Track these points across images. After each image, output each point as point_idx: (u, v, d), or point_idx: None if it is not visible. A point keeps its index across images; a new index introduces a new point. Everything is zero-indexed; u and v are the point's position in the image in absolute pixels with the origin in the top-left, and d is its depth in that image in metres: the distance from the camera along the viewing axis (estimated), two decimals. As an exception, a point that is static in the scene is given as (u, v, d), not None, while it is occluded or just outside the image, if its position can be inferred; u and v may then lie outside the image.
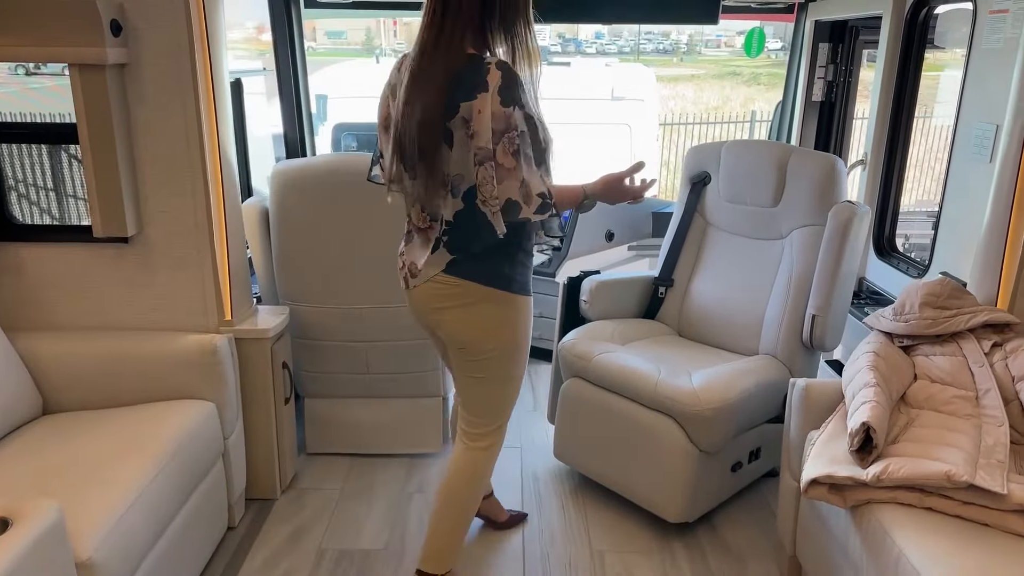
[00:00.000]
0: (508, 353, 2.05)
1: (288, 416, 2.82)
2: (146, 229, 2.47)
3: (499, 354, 2.04)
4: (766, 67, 19.37)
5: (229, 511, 2.57)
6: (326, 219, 2.77)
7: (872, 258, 3.21)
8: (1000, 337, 2.16)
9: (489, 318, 1.99)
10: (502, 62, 1.83)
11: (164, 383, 2.41)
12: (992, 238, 2.26)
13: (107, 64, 2.22)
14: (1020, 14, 2.26)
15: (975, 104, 2.52)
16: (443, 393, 3.10)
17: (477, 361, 2.05)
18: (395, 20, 19.06)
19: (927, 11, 2.90)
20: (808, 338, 2.74)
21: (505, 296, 1.99)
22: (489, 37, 1.87)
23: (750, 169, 2.94)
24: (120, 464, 2.02)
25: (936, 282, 2.32)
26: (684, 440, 2.50)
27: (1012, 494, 1.73)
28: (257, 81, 4.47)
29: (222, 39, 2.43)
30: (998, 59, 2.39)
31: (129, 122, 2.36)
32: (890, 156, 3.14)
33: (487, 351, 2.02)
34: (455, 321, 2.00)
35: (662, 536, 2.62)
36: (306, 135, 3.82)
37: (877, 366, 2.14)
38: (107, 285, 2.51)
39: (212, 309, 2.54)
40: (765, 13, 3.98)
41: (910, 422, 2.05)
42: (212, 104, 2.41)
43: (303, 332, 2.91)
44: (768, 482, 2.91)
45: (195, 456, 2.27)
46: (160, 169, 2.42)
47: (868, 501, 1.87)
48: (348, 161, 2.89)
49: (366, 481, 2.94)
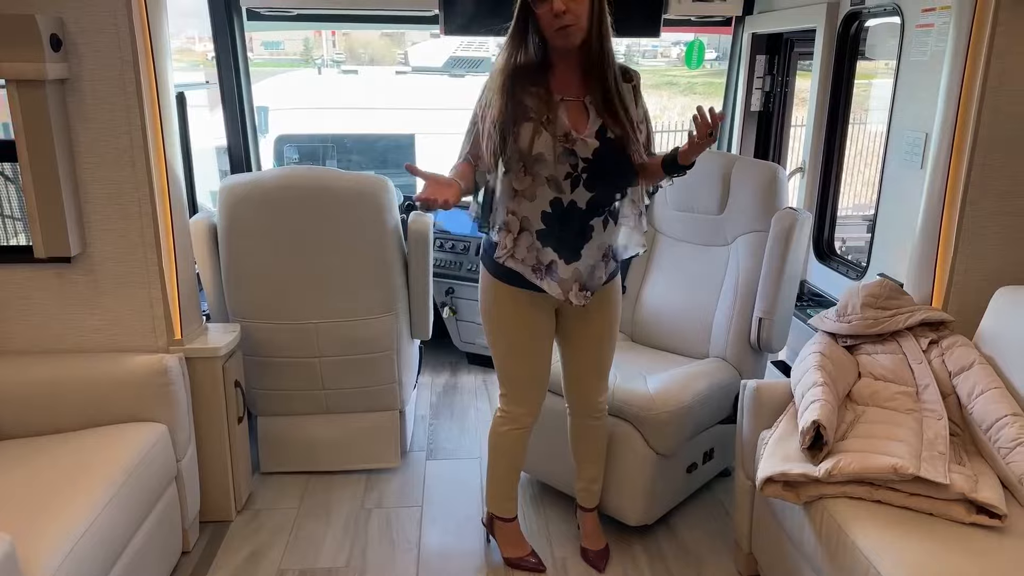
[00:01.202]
0: (483, 322, 2.35)
1: (242, 436, 2.76)
2: (90, 248, 2.40)
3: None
4: (702, 77, 19.83)
5: (183, 535, 2.51)
6: (276, 233, 2.73)
7: (813, 261, 3.33)
8: (936, 334, 2.28)
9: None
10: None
11: (113, 406, 2.34)
12: (925, 240, 2.38)
13: (47, 80, 2.16)
14: (944, 29, 2.39)
15: (905, 114, 2.65)
16: (400, 406, 3.09)
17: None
18: (333, 31, 18.88)
19: (858, 24, 3.04)
20: (756, 340, 2.83)
21: (481, 265, 2.32)
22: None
23: (696, 178, 2.99)
24: (70, 492, 1.95)
25: (876, 284, 2.43)
26: (641, 444, 2.54)
27: (954, 484, 1.82)
28: (198, 93, 4.39)
29: (167, 53, 2.39)
30: (925, 71, 2.52)
31: (71, 138, 2.30)
32: (827, 164, 3.27)
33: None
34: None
35: (622, 539, 2.66)
36: (251, 148, 3.77)
37: (824, 366, 2.23)
38: (50, 307, 2.43)
39: (161, 328, 2.48)
40: (704, 26, 4.10)
41: (856, 418, 2.14)
42: (158, 119, 2.36)
43: (255, 349, 2.86)
44: (721, 482, 2.99)
45: (147, 480, 2.20)
46: (104, 186, 2.35)
47: (821, 496, 1.94)
48: (298, 175, 2.86)
49: (323, 499, 2.90)
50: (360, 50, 19.95)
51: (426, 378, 4.00)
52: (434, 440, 3.36)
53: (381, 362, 2.95)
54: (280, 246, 2.75)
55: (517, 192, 2.11)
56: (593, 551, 2.56)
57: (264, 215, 2.72)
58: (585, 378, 2.41)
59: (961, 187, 2.28)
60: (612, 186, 2.13)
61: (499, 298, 2.27)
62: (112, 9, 2.21)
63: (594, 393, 2.42)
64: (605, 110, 2.06)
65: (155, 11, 2.30)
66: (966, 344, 2.21)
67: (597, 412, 2.45)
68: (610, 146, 2.07)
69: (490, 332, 2.34)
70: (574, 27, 1.95)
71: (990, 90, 2.20)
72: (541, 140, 2.03)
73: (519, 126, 2.04)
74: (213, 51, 3.61)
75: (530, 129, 2.04)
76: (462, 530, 2.73)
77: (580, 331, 2.34)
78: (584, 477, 2.54)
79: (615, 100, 2.06)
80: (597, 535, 2.59)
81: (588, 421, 2.46)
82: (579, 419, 2.47)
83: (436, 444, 3.33)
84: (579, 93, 2.09)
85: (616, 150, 2.08)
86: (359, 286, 2.83)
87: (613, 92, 2.06)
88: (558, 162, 2.04)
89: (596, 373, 2.40)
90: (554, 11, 1.91)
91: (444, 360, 4.23)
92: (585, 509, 2.58)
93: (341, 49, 18.84)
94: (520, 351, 2.31)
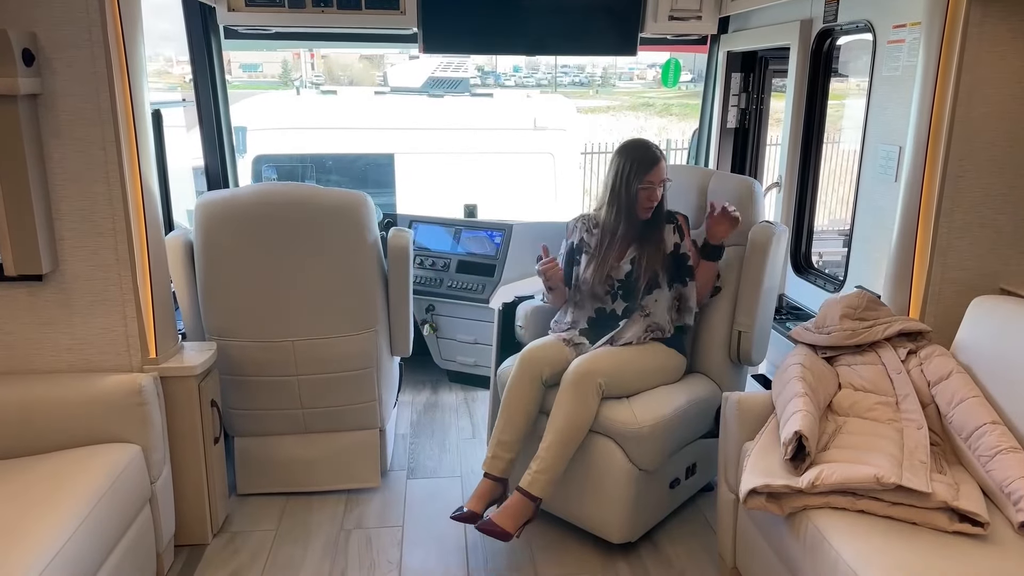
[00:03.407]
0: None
1: (218, 456, 2.71)
2: (62, 266, 2.36)
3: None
4: (677, 98, 20.12)
5: (158, 560, 2.44)
6: (254, 251, 2.70)
7: (791, 275, 3.35)
8: (914, 344, 2.29)
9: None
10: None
11: (85, 427, 2.29)
12: (901, 252, 2.41)
13: (19, 95, 2.13)
14: (915, 44, 2.43)
15: (879, 128, 2.69)
16: (380, 425, 3.05)
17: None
18: (312, 53, 18.92)
19: (830, 42, 3.10)
20: (735, 353, 2.83)
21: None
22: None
23: (673, 192, 3.03)
24: (39, 516, 1.90)
25: (853, 295, 2.45)
26: (623, 460, 2.53)
27: (936, 492, 1.82)
28: (175, 112, 4.36)
29: (142, 68, 2.36)
30: (897, 85, 2.56)
31: (43, 154, 2.26)
32: (803, 178, 3.30)
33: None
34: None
35: (607, 557, 2.63)
36: (228, 166, 3.74)
37: (804, 377, 2.23)
38: (21, 326, 2.38)
39: (135, 347, 2.43)
40: (680, 45, 4.15)
41: (838, 429, 2.14)
42: (133, 135, 2.33)
43: (232, 368, 2.82)
44: (705, 497, 2.98)
45: (120, 503, 2.15)
46: (77, 202, 2.32)
47: (804, 507, 1.94)
48: (275, 191, 2.85)
49: (302, 520, 2.85)
50: (339, 72, 20.01)
51: (406, 396, 3.96)
52: (415, 459, 3.32)
53: (360, 380, 2.92)
54: (257, 263, 2.71)
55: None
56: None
57: (241, 231, 2.69)
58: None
59: (935, 199, 2.31)
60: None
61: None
62: (87, 24, 2.19)
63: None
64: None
65: (131, 26, 2.28)
66: (944, 354, 2.22)
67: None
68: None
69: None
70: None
71: (961, 103, 2.24)
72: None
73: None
74: (191, 73, 3.59)
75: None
76: (444, 550, 2.68)
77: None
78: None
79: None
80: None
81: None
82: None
83: (417, 463, 3.29)
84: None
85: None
86: (338, 303, 2.80)
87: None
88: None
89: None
90: (651, 198, 2.70)
91: (424, 378, 4.19)
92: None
93: (320, 71, 18.88)
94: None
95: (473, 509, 2.57)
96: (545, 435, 2.52)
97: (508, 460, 2.61)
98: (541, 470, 2.48)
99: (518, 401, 2.62)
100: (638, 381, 2.64)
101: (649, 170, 2.67)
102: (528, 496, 2.48)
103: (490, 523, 2.45)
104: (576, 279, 2.83)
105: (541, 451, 2.51)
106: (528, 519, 2.51)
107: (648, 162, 2.68)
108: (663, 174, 2.70)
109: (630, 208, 2.71)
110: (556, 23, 3.66)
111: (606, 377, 2.53)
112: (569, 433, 2.49)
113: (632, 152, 2.71)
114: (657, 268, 2.73)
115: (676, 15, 3.60)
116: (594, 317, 2.79)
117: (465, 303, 3.94)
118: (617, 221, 2.73)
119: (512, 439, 2.61)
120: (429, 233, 4.17)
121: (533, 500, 2.49)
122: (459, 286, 3.97)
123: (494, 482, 2.61)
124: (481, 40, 3.74)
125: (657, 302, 2.74)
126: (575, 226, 2.88)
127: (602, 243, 2.77)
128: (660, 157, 2.71)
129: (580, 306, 2.82)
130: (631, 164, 2.69)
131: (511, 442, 2.61)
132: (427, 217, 4.22)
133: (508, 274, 3.94)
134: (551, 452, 2.49)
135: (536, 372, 2.62)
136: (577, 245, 2.85)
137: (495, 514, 2.48)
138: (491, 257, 4.01)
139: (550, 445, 2.49)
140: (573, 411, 2.50)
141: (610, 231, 2.75)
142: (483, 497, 2.59)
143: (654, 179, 2.68)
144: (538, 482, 2.48)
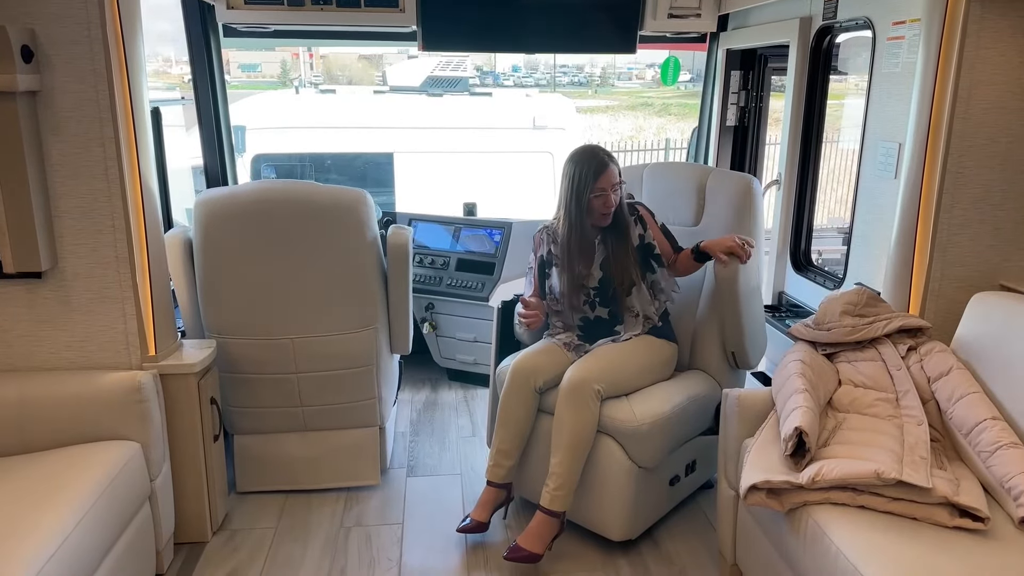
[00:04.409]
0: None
1: (218, 454, 2.70)
2: (61, 263, 2.35)
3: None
4: (676, 98, 20.15)
5: (157, 557, 2.44)
6: (253, 248, 2.70)
7: (790, 272, 3.35)
8: (914, 341, 2.29)
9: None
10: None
11: (85, 425, 2.28)
12: (901, 248, 2.41)
13: (17, 91, 2.12)
14: (915, 41, 2.43)
15: (879, 125, 2.69)
16: (380, 423, 3.04)
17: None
18: (311, 53, 18.92)
19: (830, 39, 3.09)
20: (732, 363, 2.85)
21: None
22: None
23: (671, 190, 3.04)
24: (38, 514, 1.89)
25: (853, 292, 2.44)
26: (623, 457, 2.52)
27: (936, 488, 1.82)
28: (174, 112, 4.35)
29: (141, 65, 2.36)
30: (897, 82, 2.56)
31: (42, 151, 2.26)
32: (803, 175, 3.30)
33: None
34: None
35: (607, 555, 2.63)
36: (227, 165, 3.73)
37: (804, 373, 2.23)
38: (19, 323, 2.37)
39: (135, 345, 2.43)
40: (679, 43, 4.15)
41: (838, 425, 2.14)
42: (132, 132, 2.33)
43: (231, 366, 2.81)
44: (704, 494, 2.97)
45: (119, 500, 2.15)
46: (76, 200, 2.31)
47: (804, 503, 1.94)
48: (275, 188, 2.84)
49: (301, 518, 2.84)
50: (338, 72, 20.02)
51: (406, 394, 3.96)
52: (415, 457, 3.32)
53: (360, 378, 2.92)
54: (256, 260, 2.71)
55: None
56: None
57: (240, 229, 2.69)
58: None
59: (935, 195, 2.31)
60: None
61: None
62: (85, 20, 2.19)
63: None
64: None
65: (130, 23, 2.28)
66: (944, 350, 2.22)
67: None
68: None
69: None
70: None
71: (961, 99, 2.24)
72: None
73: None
74: (190, 73, 3.59)
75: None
76: (444, 547, 2.68)
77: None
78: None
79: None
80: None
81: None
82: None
83: (417, 461, 3.29)
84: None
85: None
86: (337, 301, 2.80)
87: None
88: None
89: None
90: (607, 205, 2.61)
91: (424, 376, 4.19)
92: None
93: (319, 71, 18.89)
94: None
95: (478, 519, 2.61)
96: (553, 452, 2.52)
97: (509, 467, 2.65)
98: (559, 486, 2.49)
99: (513, 411, 2.63)
100: (634, 379, 2.64)
101: (598, 177, 2.58)
102: (551, 514, 2.50)
103: (517, 548, 2.47)
104: (551, 292, 2.76)
105: (554, 467, 2.50)
106: (556, 534, 2.53)
107: (596, 169, 2.58)
108: (614, 178, 2.60)
109: (583, 219, 2.63)
110: (555, 21, 3.66)
111: (601, 382, 2.53)
112: (577, 446, 2.50)
113: (580, 161, 2.62)
114: (630, 267, 2.68)
115: (675, 13, 3.60)
116: (582, 324, 2.77)
117: (464, 301, 3.95)
118: (571, 233, 2.65)
119: (511, 447, 2.65)
120: (428, 231, 4.17)
121: (556, 516, 2.51)
122: (458, 284, 3.98)
123: (498, 488, 2.66)
124: (480, 38, 3.74)
125: (640, 298, 2.72)
126: (541, 238, 2.79)
127: (564, 257, 2.69)
128: (609, 162, 2.61)
129: (563, 316, 2.78)
130: (580, 174, 2.60)
131: (510, 450, 2.64)
132: (426, 215, 4.23)
133: (507, 272, 3.94)
134: (564, 467, 2.49)
135: (528, 383, 2.63)
136: (547, 258, 2.76)
137: (522, 537, 2.50)
138: (490, 255, 4.01)
139: (561, 461, 2.49)
140: (576, 423, 2.49)
141: (566, 244, 2.67)
142: (487, 504, 2.65)
143: (605, 185, 2.58)
144: (558, 499, 2.50)
